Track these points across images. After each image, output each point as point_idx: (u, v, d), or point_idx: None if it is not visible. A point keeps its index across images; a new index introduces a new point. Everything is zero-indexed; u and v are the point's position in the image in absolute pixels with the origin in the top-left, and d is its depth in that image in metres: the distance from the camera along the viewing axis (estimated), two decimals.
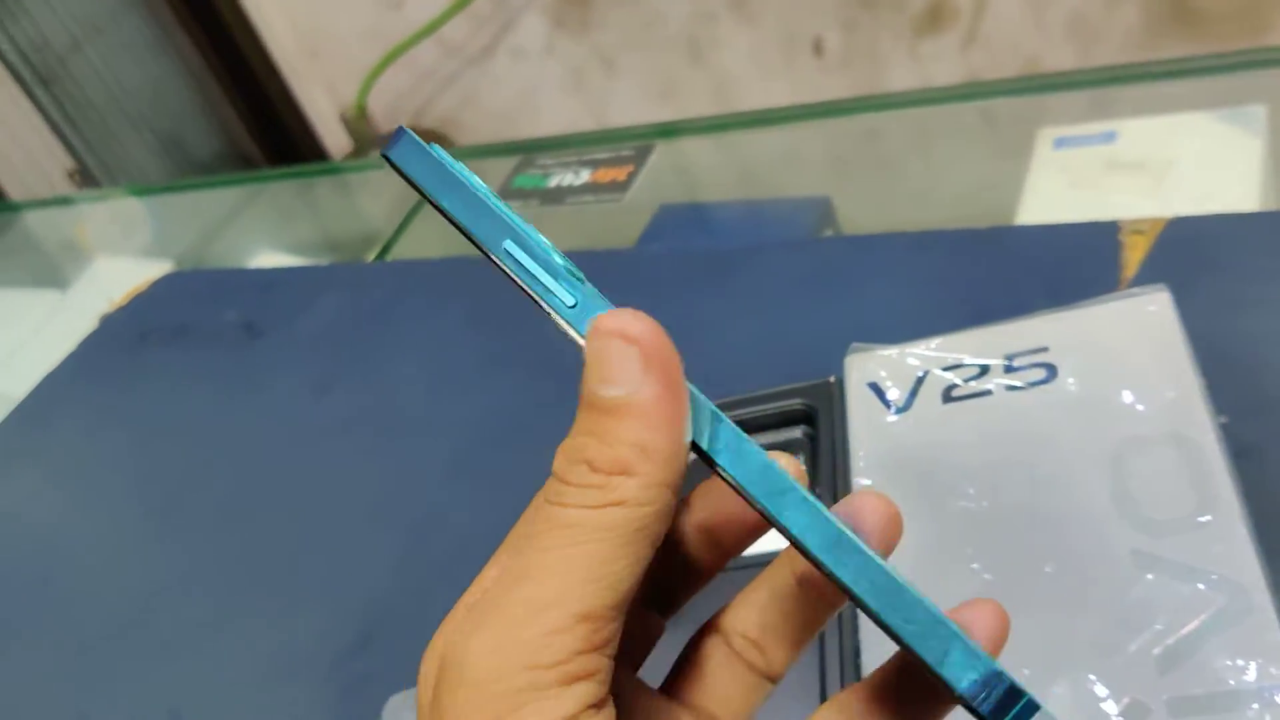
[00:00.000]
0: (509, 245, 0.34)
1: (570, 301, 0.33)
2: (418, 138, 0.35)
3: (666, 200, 0.93)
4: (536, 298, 0.33)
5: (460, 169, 0.35)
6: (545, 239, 0.34)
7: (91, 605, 0.79)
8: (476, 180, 0.35)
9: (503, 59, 1.99)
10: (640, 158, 1.01)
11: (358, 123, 2.01)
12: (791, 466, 0.33)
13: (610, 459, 0.30)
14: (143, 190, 1.64)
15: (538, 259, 0.33)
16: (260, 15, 2.04)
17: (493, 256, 0.34)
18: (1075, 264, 0.71)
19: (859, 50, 1.78)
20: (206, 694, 0.69)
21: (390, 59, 1.96)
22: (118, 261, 1.24)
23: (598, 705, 0.29)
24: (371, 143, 2.03)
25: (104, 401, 0.94)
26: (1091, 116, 0.88)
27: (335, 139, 2.18)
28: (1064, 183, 0.82)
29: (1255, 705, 0.45)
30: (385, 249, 1.03)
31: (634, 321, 0.30)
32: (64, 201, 1.66)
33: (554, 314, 0.33)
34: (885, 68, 1.77)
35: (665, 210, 0.90)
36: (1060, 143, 0.85)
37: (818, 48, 1.80)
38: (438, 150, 0.35)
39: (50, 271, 1.38)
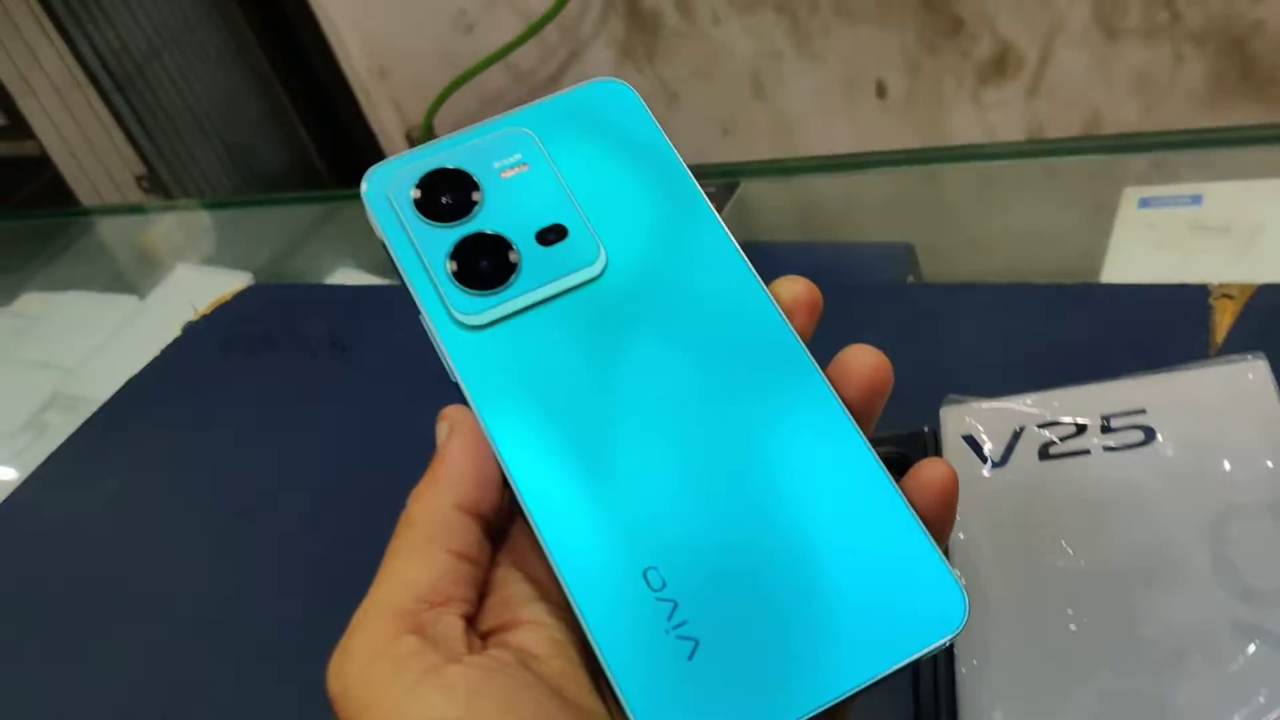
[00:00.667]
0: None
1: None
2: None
3: (748, 239, 0.94)
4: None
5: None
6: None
7: (170, 610, 0.80)
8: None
9: (569, 87, 2.00)
10: (721, 198, 1.01)
11: (423, 143, 2.02)
12: None
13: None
14: (215, 203, 1.65)
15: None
16: (334, 31, 2.06)
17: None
18: (1164, 325, 0.72)
19: (922, 94, 1.78)
20: (288, 698, 0.70)
21: (459, 83, 1.97)
22: (197, 271, 1.26)
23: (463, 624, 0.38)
24: None
25: (186, 407, 0.96)
26: (1170, 177, 0.88)
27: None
28: (1149, 243, 0.83)
29: None
30: None
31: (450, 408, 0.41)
32: (136, 209, 1.68)
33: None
34: (947, 113, 1.78)
35: (747, 249, 0.90)
36: (1145, 203, 0.85)
37: (881, 89, 1.81)
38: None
39: (126, 278, 1.40)
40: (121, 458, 0.94)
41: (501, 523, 0.41)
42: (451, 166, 0.43)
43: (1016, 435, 0.63)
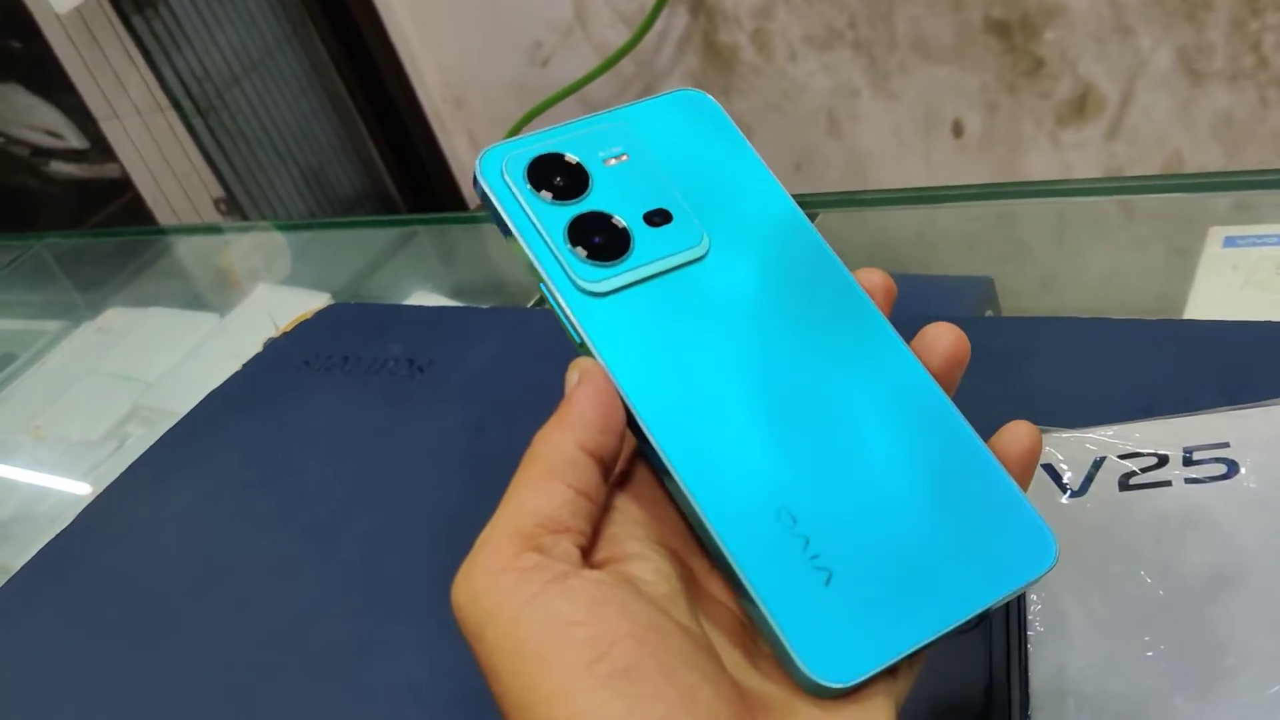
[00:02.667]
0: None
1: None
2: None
3: None
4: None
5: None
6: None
7: (243, 620, 0.80)
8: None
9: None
10: None
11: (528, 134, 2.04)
12: None
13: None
14: (291, 225, 1.67)
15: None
16: (412, 60, 2.09)
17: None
18: (1249, 362, 0.71)
19: (999, 134, 1.78)
20: (357, 715, 0.70)
21: (533, 114, 1.99)
22: (277, 290, 1.27)
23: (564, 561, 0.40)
24: None
25: (266, 422, 0.97)
26: (1253, 218, 0.88)
27: (472, 188, 2.21)
28: (1234, 281, 0.82)
29: None
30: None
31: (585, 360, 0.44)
32: (214, 230, 1.70)
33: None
34: (1025, 153, 1.77)
35: None
36: (1230, 242, 0.85)
37: (957, 129, 1.81)
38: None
39: (206, 296, 1.42)
40: (199, 470, 0.95)
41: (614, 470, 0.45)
42: (561, 152, 0.47)
43: (1097, 465, 0.63)
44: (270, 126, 1.95)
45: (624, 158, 0.47)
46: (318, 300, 1.14)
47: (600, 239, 0.45)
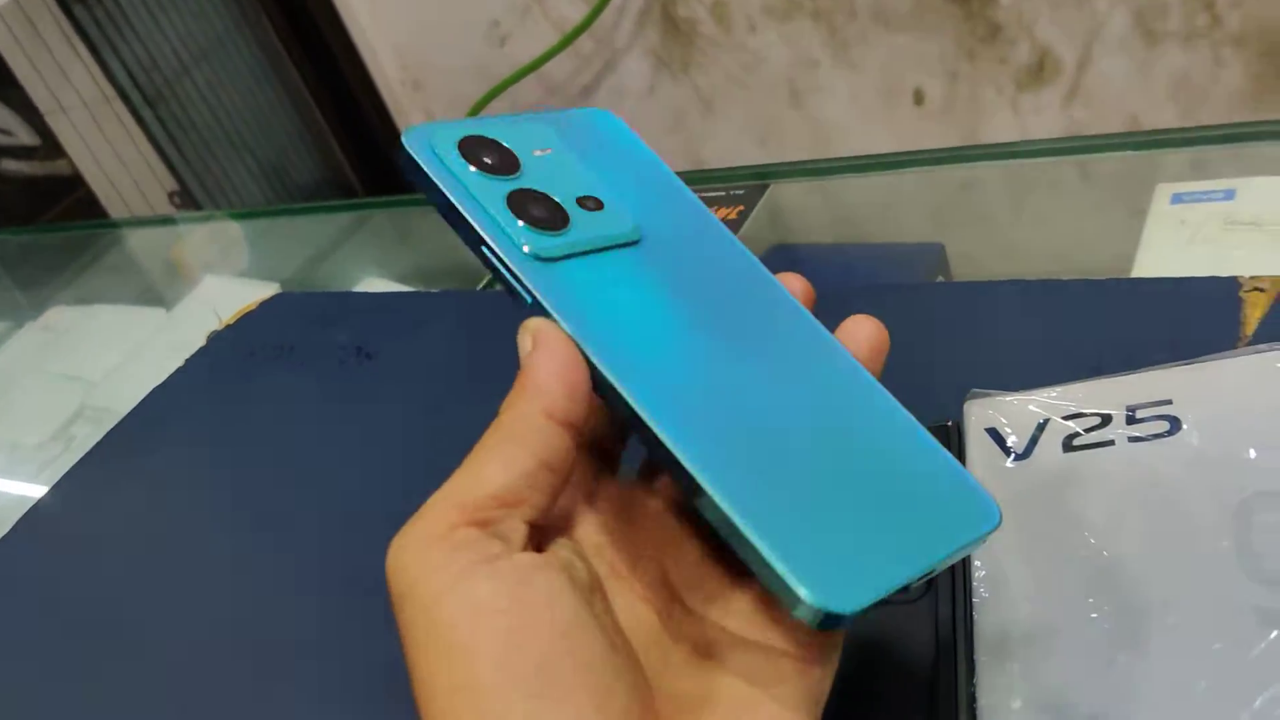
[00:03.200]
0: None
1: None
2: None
3: (780, 240, 0.94)
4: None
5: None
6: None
7: (192, 621, 0.79)
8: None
9: (604, 98, 2.00)
10: (751, 198, 1.01)
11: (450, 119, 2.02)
12: None
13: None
14: (244, 214, 1.66)
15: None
16: (367, 44, 2.07)
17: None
18: (1194, 318, 0.71)
19: (960, 101, 1.77)
20: (308, 709, 0.69)
21: (492, 95, 1.97)
22: (224, 282, 1.26)
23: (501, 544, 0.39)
24: None
25: (211, 417, 0.95)
26: (1205, 174, 0.87)
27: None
28: (1181, 238, 0.81)
29: None
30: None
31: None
32: (165, 221, 1.68)
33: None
34: (985, 119, 1.77)
35: (777, 251, 0.90)
36: (1177, 198, 0.84)
37: (919, 97, 1.80)
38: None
39: (154, 290, 1.40)
40: (144, 468, 0.94)
41: (595, 440, 0.46)
42: (489, 136, 0.47)
43: (1041, 428, 0.62)
44: (223, 116, 1.93)
45: (549, 151, 0.48)
46: (266, 290, 1.12)
47: (539, 212, 0.45)
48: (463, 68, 2.04)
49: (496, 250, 0.44)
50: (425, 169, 0.45)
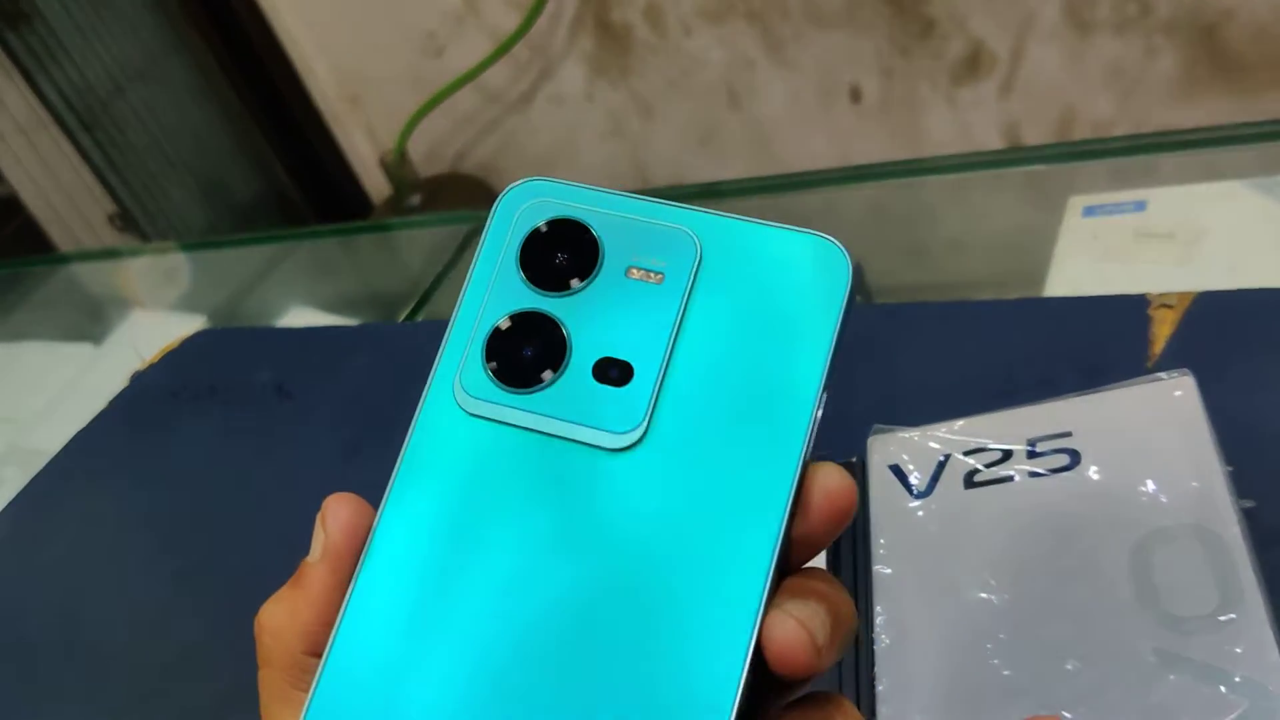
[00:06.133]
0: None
1: None
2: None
3: None
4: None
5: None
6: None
7: (118, 668, 0.79)
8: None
9: (542, 105, 2.00)
10: None
11: (397, 168, 2.02)
12: None
13: None
14: (188, 245, 1.65)
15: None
16: (303, 60, 2.06)
17: None
18: (1103, 339, 0.71)
19: (897, 97, 1.77)
20: None
21: (431, 105, 1.97)
22: (153, 316, 1.25)
23: None
24: (411, 188, 2.04)
25: (134, 460, 0.95)
26: (1124, 184, 0.87)
27: (376, 184, 2.19)
28: (1093, 253, 0.81)
29: None
30: (418, 307, 1.03)
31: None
32: (97, 255, 1.67)
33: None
34: (922, 115, 1.77)
35: None
36: (1090, 211, 0.84)
37: (855, 95, 1.80)
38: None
39: (82, 326, 1.39)
40: (68, 514, 0.93)
41: None
42: (592, 229, 0.37)
43: (942, 464, 0.62)
44: (161, 137, 1.91)
45: (655, 278, 0.36)
46: (193, 324, 1.12)
47: (527, 352, 0.36)
48: (400, 79, 2.03)
49: (430, 376, 0.37)
50: (482, 236, 0.38)
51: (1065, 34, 1.61)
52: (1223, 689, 0.48)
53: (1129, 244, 0.81)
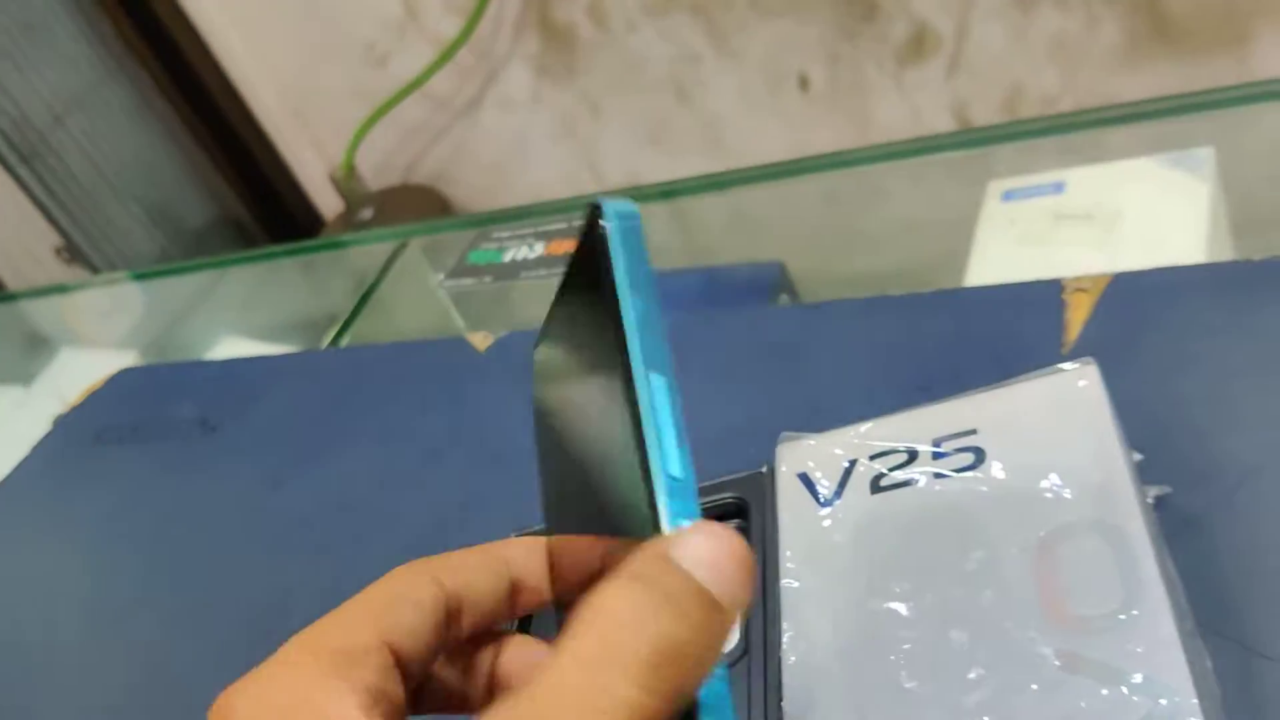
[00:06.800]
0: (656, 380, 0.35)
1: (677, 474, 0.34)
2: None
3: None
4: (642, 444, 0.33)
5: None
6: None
7: (45, 714, 0.77)
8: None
9: (490, 110, 1.98)
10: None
11: (347, 182, 2.00)
12: None
13: None
14: (129, 275, 1.63)
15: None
16: (243, 78, 2.04)
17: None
18: (1019, 327, 0.69)
19: (845, 83, 1.77)
20: None
21: (377, 116, 1.96)
22: (81, 354, 1.23)
23: None
24: (361, 202, 2.03)
25: (58, 508, 0.93)
26: (1043, 166, 0.85)
27: (326, 199, 2.18)
28: (1012, 238, 0.80)
29: None
30: (340, 333, 1.02)
31: None
32: (57, 290, 1.65)
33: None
34: (871, 99, 1.76)
35: None
36: (1009, 195, 0.83)
37: (803, 82, 1.79)
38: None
39: (21, 365, 1.37)
40: None
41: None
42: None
43: (848, 470, 0.60)
44: (104, 165, 1.90)
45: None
46: (123, 360, 1.10)
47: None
48: (344, 92, 2.02)
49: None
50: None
51: (1008, 10, 1.60)
52: (1124, 690, 0.47)
53: (1047, 227, 0.79)
